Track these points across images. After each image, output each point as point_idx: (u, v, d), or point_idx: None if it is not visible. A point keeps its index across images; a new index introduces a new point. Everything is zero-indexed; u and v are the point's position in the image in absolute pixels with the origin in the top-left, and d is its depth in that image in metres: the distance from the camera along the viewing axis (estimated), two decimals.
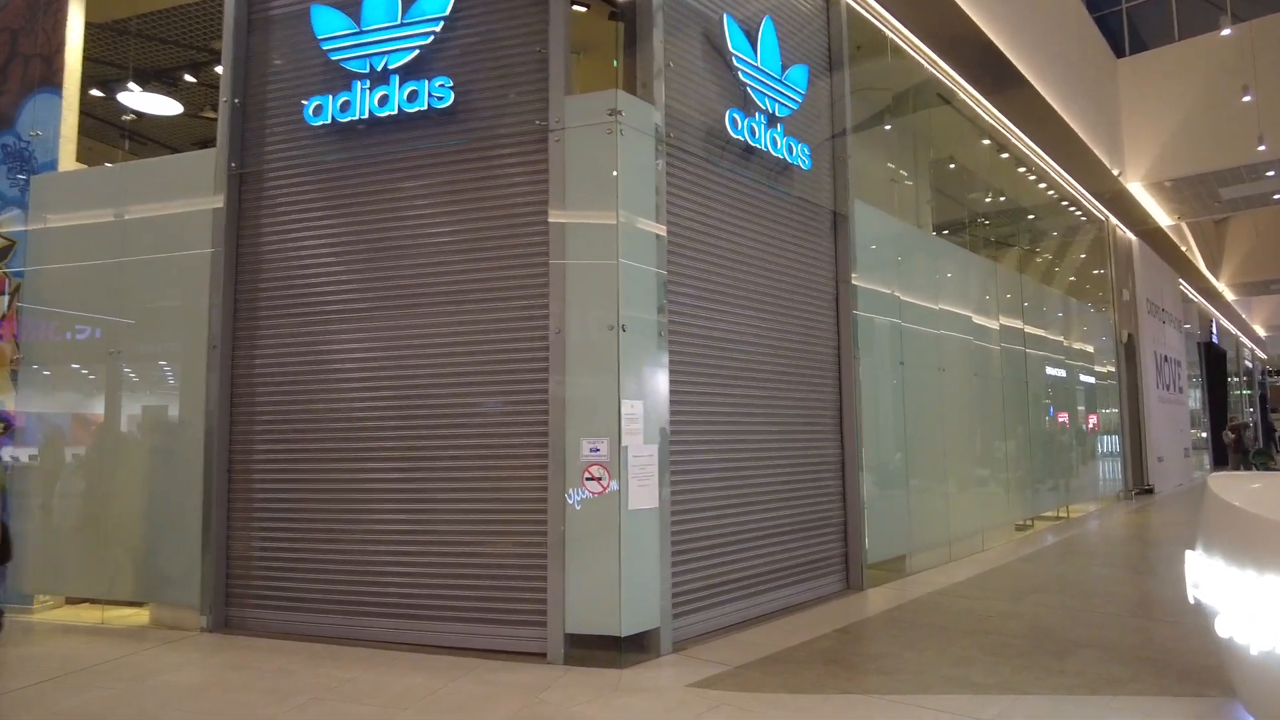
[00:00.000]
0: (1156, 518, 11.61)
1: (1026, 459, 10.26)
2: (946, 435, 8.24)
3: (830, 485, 6.46)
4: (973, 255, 10.04)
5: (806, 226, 6.49)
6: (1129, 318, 15.49)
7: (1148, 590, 6.44)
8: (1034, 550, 8.52)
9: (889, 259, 7.75)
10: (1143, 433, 15.38)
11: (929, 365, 8.10)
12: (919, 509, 7.59)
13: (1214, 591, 3.29)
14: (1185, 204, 17.78)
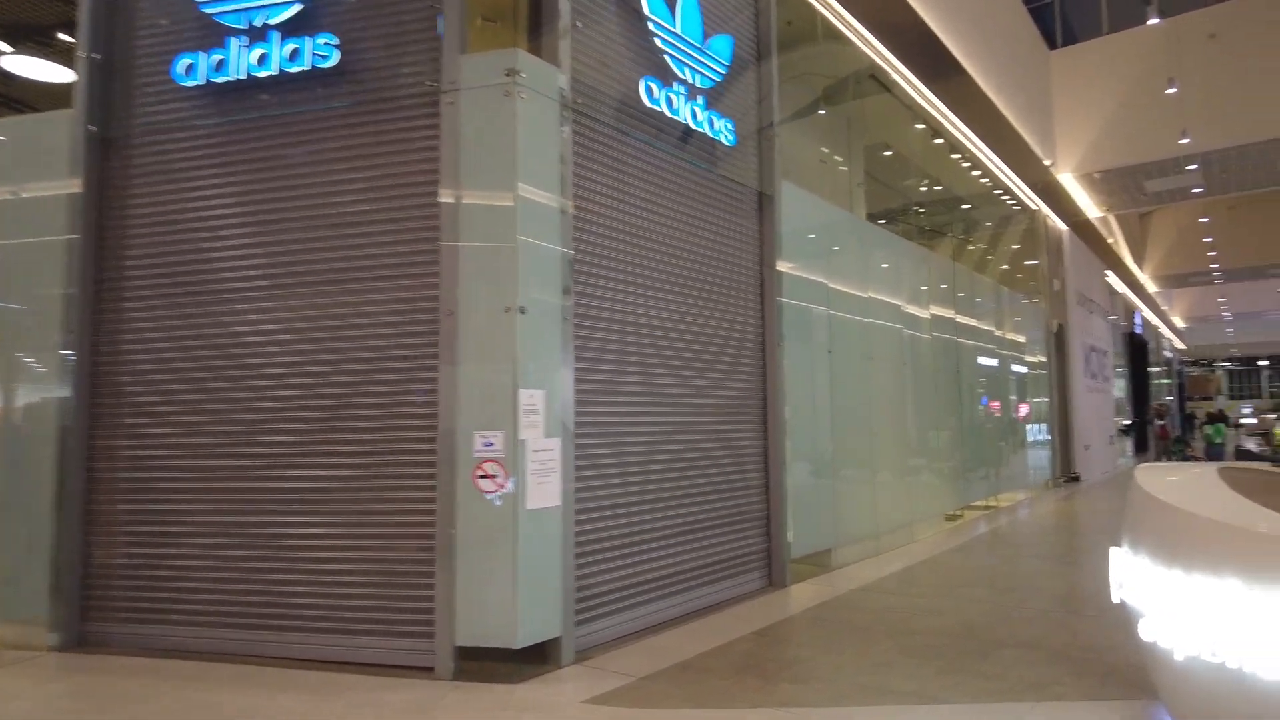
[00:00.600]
0: (1083, 506, 11.71)
1: (957, 448, 10.20)
2: (876, 425, 8.06)
3: (753, 478, 6.17)
4: (905, 243, 9.89)
5: (730, 207, 6.16)
6: (1060, 308, 15.67)
7: (1074, 583, 6.32)
8: (963, 541, 8.41)
9: (818, 244, 7.50)
10: (1070, 422, 15.60)
11: (858, 354, 7.89)
12: (846, 501, 7.38)
13: (1139, 591, 3.07)
14: (1113, 196, 18.10)
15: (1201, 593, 2.69)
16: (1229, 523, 2.65)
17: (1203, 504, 2.91)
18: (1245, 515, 2.76)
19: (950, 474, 9.94)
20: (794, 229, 6.81)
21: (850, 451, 7.64)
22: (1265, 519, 2.66)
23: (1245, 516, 2.74)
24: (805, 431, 6.87)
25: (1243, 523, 2.64)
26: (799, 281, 6.93)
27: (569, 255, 4.55)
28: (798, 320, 6.82)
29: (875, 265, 8.67)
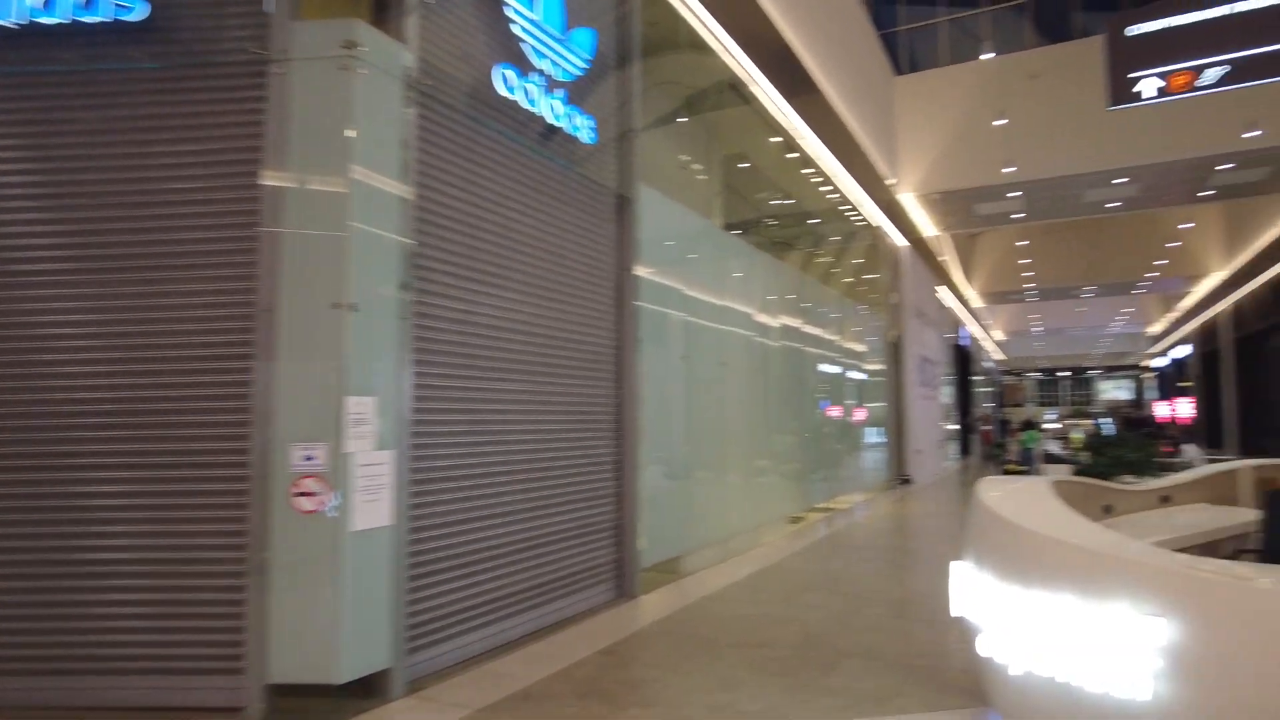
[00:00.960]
0: (915, 508, 12.40)
1: (802, 453, 10.50)
2: (727, 431, 8.12)
3: (604, 487, 5.99)
4: (760, 253, 10.06)
5: (588, 207, 5.96)
6: (897, 320, 16.61)
7: (910, 587, 6.58)
8: (806, 545, 8.62)
9: (676, 250, 7.43)
10: (905, 427, 16.56)
11: (713, 361, 7.90)
12: (698, 507, 7.37)
13: (979, 606, 3.11)
14: (948, 217, 19.42)
15: (1037, 608, 2.73)
16: (1065, 540, 2.71)
17: (1040, 520, 2.98)
18: (1080, 532, 2.84)
19: (795, 478, 10.22)
20: (653, 234, 6.70)
21: (703, 457, 7.63)
22: (1098, 537, 2.74)
23: (1080, 533, 2.82)
24: (659, 438, 6.77)
25: (1078, 540, 2.70)
26: (656, 287, 6.82)
27: (409, 247, 4.18)
28: (654, 326, 6.71)
29: (730, 274, 8.74)
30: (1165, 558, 2.56)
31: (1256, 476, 5.07)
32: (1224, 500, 5.05)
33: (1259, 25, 4.07)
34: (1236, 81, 4.22)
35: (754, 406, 8.97)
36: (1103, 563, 2.58)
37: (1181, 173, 16.29)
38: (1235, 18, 4.19)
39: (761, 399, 9.21)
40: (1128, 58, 4.37)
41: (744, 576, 6.85)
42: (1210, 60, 4.18)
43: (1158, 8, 4.57)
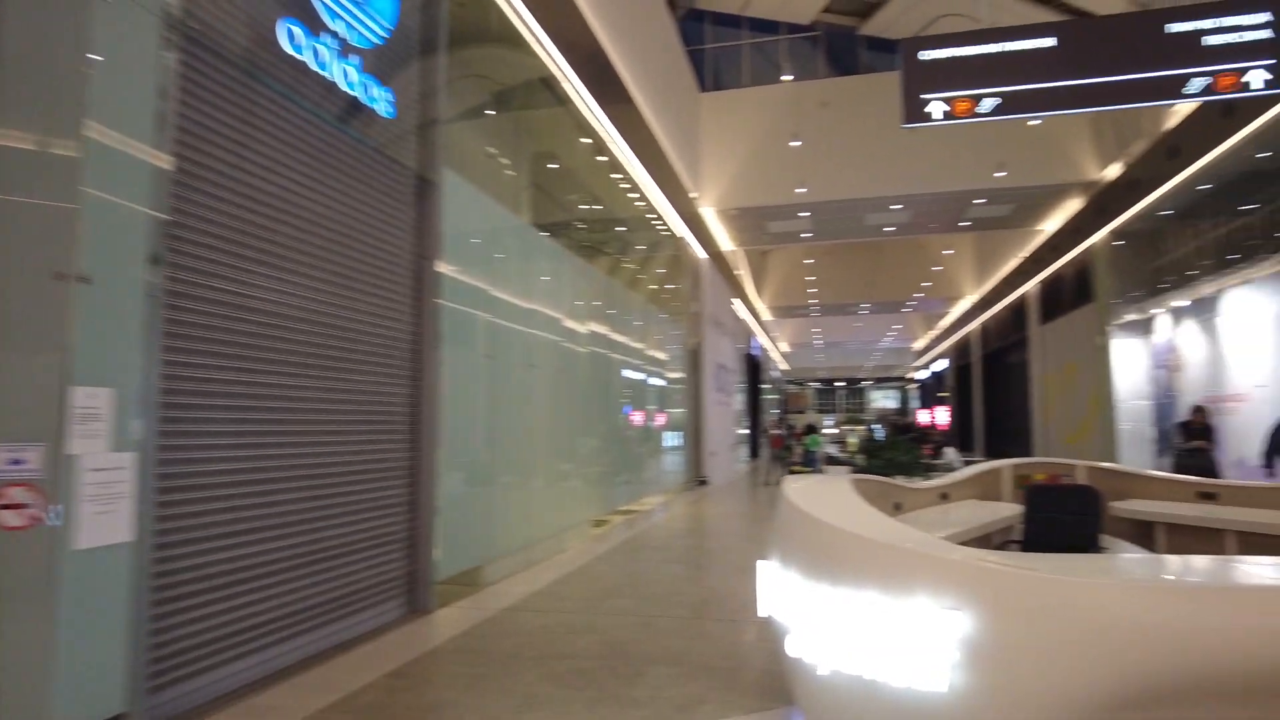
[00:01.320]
0: (712, 508, 12.79)
1: (605, 456, 10.46)
2: (532, 435, 7.86)
3: (397, 495, 5.52)
4: (569, 255, 9.92)
5: (386, 188, 5.48)
6: (697, 329, 17.16)
7: (710, 587, 6.66)
8: (609, 548, 8.55)
9: (482, 243, 7.08)
10: (702, 431, 17.13)
11: (518, 362, 7.62)
12: (499, 514, 7.05)
13: (786, 606, 3.09)
14: (744, 232, 20.42)
15: (844, 605, 2.74)
16: (872, 537, 2.73)
17: (846, 517, 3.01)
18: (885, 529, 2.88)
19: (599, 481, 10.16)
20: (458, 224, 6.32)
21: (506, 462, 7.32)
22: (901, 533, 2.80)
23: (885, 530, 2.86)
24: (460, 442, 6.39)
25: (884, 537, 2.74)
26: (460, 281, 6.44)
27: (162, 218, 3.55)
28: (457, 322, 6.33)
29: (538, 274, 8.51)
30: (960, 552, 2.65)
31: (1015, 474, 5.62)
32: (990, 496, 5.54)
33: (1024, 65, 4.46)
34: (1007, 112, 4.62)
35: (559, 410, 8.79)
36: (906, 558, 2.62)
37: (945, 203, 18.22)
38: (1005, 55, 4.58)
39: (567, 402, 9.05)
40: (920, 80, 4.65)
41: (546, 584, 6.61)
42: (986, 91, 4.53)
43: (945, 38, 4.92)
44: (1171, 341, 14.98)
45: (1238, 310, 12.53)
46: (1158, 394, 15.74)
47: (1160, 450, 15.54)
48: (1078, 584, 2.41)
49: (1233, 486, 4.86)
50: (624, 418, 11.74)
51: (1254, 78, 4.49)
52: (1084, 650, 2.29)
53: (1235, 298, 12.66)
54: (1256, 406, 11.96)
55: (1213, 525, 4.37)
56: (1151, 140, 14.18)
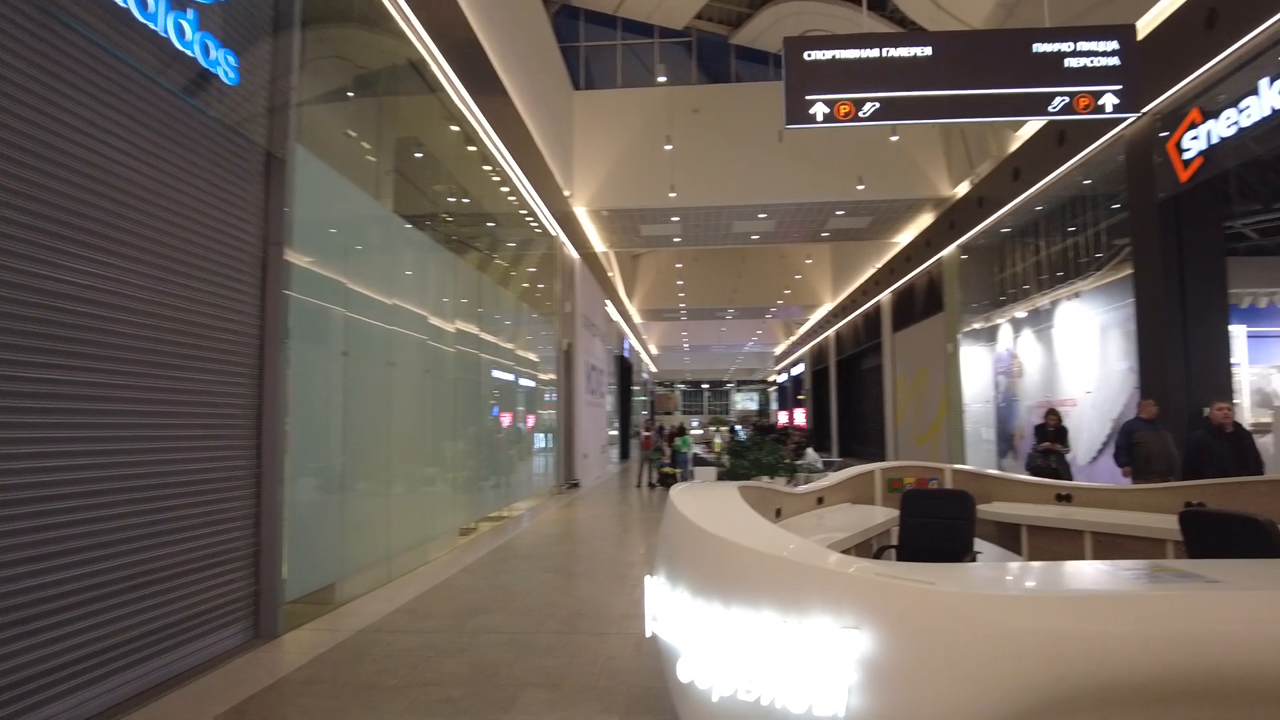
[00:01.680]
0: (584, 512, 12.54)
1: (473, 461, 10.00)
2: (393, 438, 7.33)
3: (239, 507, 4.92)
4: (436, 247, 9.38)
5: (227, 162, 4.88)
6: (569, 329, 16.87)
7: (583, 598, 6.40)
8: (477, 558, 8.13)
9: (338, 230, 6.51)
10: (573, 433, 16.86)
11: (378, 360, 7.09)
12: (356, 525, 6.50)
13: (675, 625, 2.88)
14: (616, 234, 20.35)
15: (739, 626, 2.55)
16: (767, 552, 2.56)
17: (739, 531, 2.83)
18: (778, 543, 2.72)
19: (466, 486, 9.68)
20: (312, 209, 5.76)
21: (364, 468, 6.77)
22: (796, 547, 2.64)
23: (778, 544, 2.70)
24: (311, 447, 5.82)
25: (779, 551, 2.57)
26: (313, 271, 5.88)
27: None
28: (309, 317, 5.76)
29: (402, 266, 7.98)
30: (857, 565, 2.53)
31: (886, 477, 5.70)
32: (864, 499, 5.60)
33: (903, 72, 4.50)
34: (885, 118, 4.66)
35: (424, 411, 8.28)
36: (803, 574, 2.47)
37: (809, 214, 18.85)
38: (885, 61, 4.62)
39: (432, 403, 8.54)
40: (804, 80, 4.60)
41: (409, 600, 6.14)
42: (867, 96, 4.54)
43: (829, 40, 4.91)
44: (1012, 349, 16.13)
45: (1068, 321, 13.62)
46: (999, 398, 16.91)
47: (1002, 451, 16.70)
48: (980, 598, 2.34)
49: (1086, 489, 5.11)
50: (493, 419, 11.29)
51: (1106, 100, 4.73)
52: (985, 665, 2.21)
53: (1066, 310, 13.76)
54: (1084, 410, 13.04)
55: (1072, 527, 4.56)
56: (996, 162, 15.20)
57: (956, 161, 17.16)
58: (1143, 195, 10.44)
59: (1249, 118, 8.50)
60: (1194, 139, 9.32)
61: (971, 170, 16.30)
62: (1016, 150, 14.27)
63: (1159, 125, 10.15)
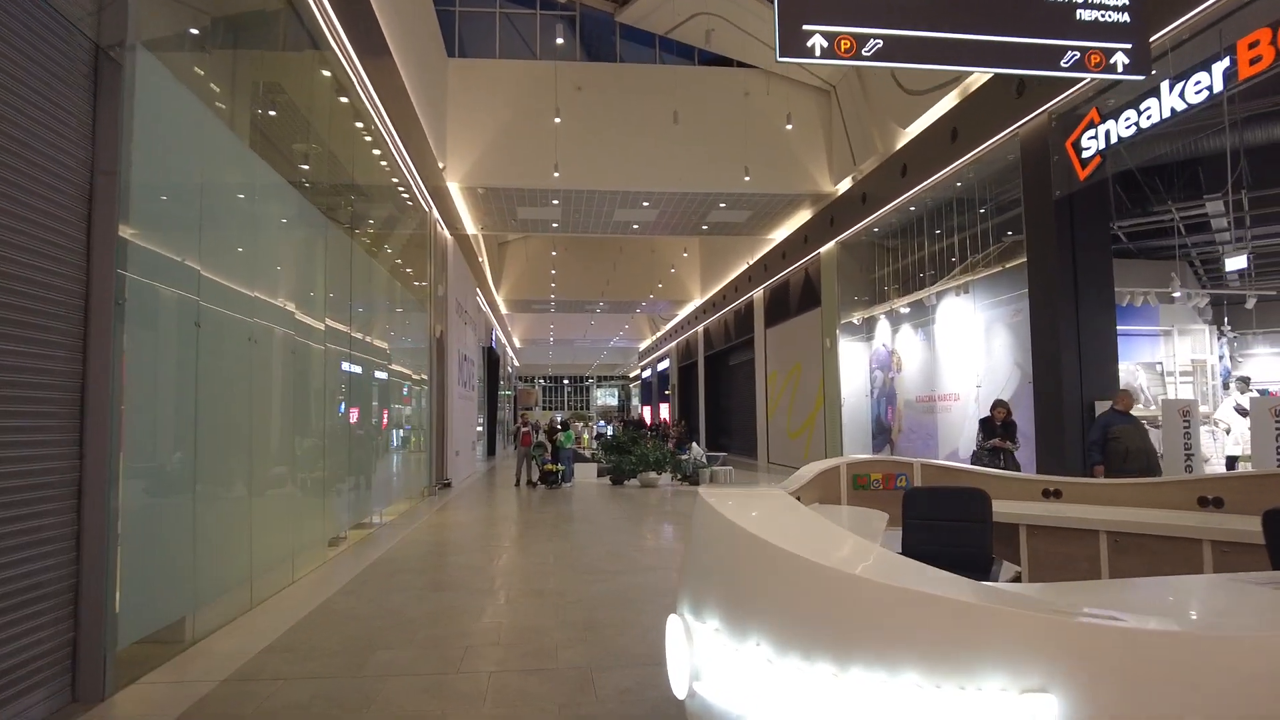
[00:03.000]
0: (464, 515, 11.38)
1: (343, 464, 8.65)
2: (253, 434, 6.00)
3: (50, 525, 3.61)
4: (307, 205, 7.94)
5: (37, 54, 3.54)
6: (442, 315, 15.51)
7: (501, 622, 5.41)
8: (355, 575, 6.91)
9: (190, 164, 5.15)
10: (446, 428, 15.54)
11: (237, 335, 5.75)
12: (212, 539, 5.18)
13: (742, 694, 2.04)
14: (491, 216, 19.09)
15: (862, 695, 1.76)
16: (919, 590, 1.78)
17: (850, 559, 2.04)
18: (919, 576, 1.95)
19: (335, 490, 8.33)
20: (155, 132, 4.43)
21: (221, 468, 5.44)
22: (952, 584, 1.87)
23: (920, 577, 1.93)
24: (153, 441, 4.51)
25: (935, 589, 1.79)
26: (157, 214, 4.56)
27: None
28: (149, 271, 4.44)
29: (267, 220, 6.62)
30: (1034, 603, 1.80)
31: (850, 474, 5.12)
32: (830, 499, 4.98)
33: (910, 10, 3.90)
34: (887, 59, 4.02)
35: (289, 403, 6.93)
36: (971, 619, 1.71)
37: (692, 205, 18.42)
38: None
39: (298, 394, 7.19)
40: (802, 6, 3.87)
41: (283, 633, 4.93)
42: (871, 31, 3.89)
43: None
44: (890, 345, 16.39)
45: (951, 316, 13.89)
46: (876, 393, 17.18)
47: (878, 445, 16.96)
48: (1223, 642, 1.67)
49: (1077, 484, 4.73)
50: (367, 416, 9.93)
51: (1117, 60, 4.34)
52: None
53: (949, 305, 14.03)
54: (967, 405, 13.30)
55: (1084, 527, 4.11)
56: (882, 159, 15.34)
57: (839, 159, 17.26)
58: (1038, 192, 10.62)
59: (1148, 119, 8.71)
60: (1092, 138, 9.51)
61: (855, 167, 16.41)
62: (905, 146, 14.41)
63: (1056, 124, 10.36)
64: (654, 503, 12.77)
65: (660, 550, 8.10)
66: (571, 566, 7.22)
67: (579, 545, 8.45)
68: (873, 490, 5.17)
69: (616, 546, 8.30)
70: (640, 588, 6.24)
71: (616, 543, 8.57)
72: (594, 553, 7.94)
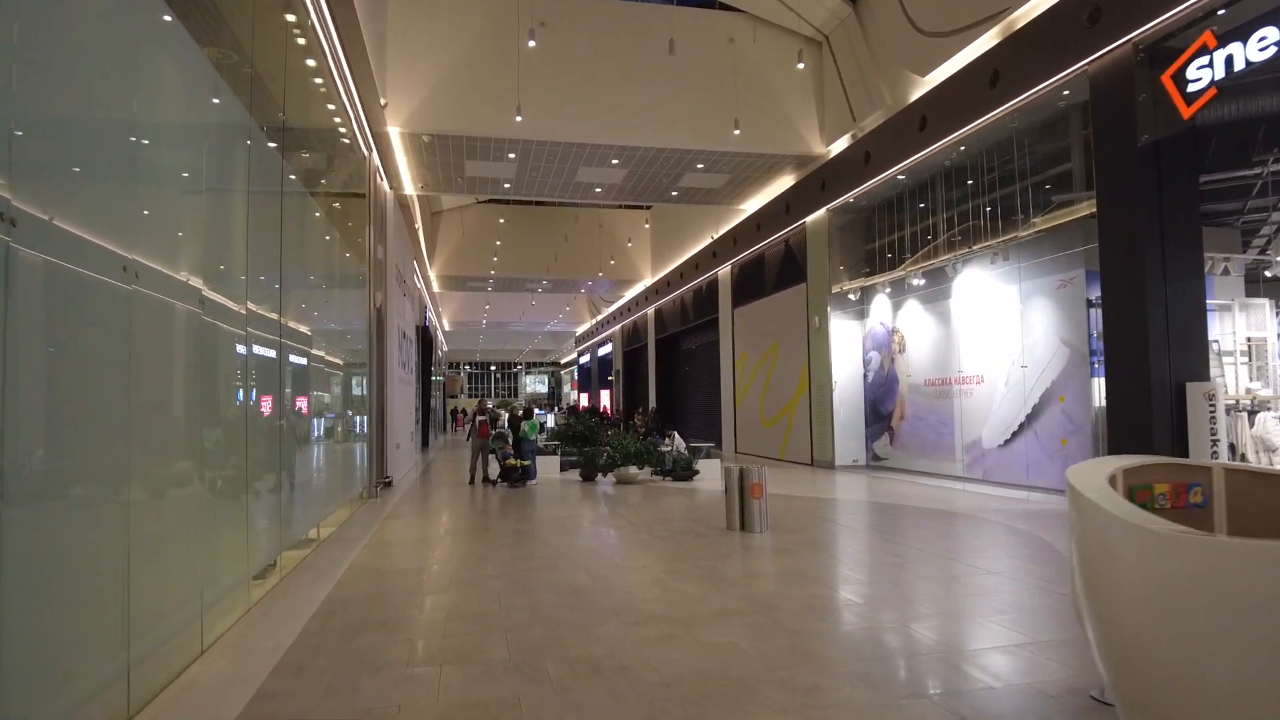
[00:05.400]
0: (420, 528, 9.08)
1: (269, 466, 6.27)
2: (132, 430, 3.67)
3: None
4: (204, 62, 5.51)
5: None
6: (381, 283, 13.01)
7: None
8: (296, 635, 4.68)
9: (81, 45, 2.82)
10: (386, 416, 13.09)
11: (104, 266, 3.42)
12: (55, 611, 2.88)
13: None
14: (434, 172, 16.59)
15: None
16: None
17: None
18: None
19: (259, 505, 5.95)
20: None
21: (88, 486, 3.13)
22: None
23: None
24: None
25: None
26: None
27: None
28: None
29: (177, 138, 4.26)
30: None
31: (1127, 484, 3.26)
32: None
33: None
34: None
35: (181, 389, 4.57)
36: None
37: (665, 164, 16.37)
38: None
39: (197, 374, 4.84)
40: None
41: None
42: None
43: None
44: (890, 322, 14.76)
45: (973, 289, 12.29)
46: (872, 376, 15.56)
47: (875, 434, 15.35)
48: None
49: None
50: (287, 405, 7.48)
51: None
52: None
53: (970, 277, 12.43)
54: (994, 388, 11.74)
55: None
56: (891, 112, 13.63)
57: (833, 116, 15.49)
58: (1115, 137, 9.00)
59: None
60: (1204, 67, 7.93)
61: (855, 124, 14.65)
62: (923, 98, 12.72)
63: (1143, 57, 8.77)
64: (645, 504, 10.75)
65: (706, 578, 6.09)
66: (607, 610, 5.14)
67: (597, 572, 6.36)
68: (1158, 508, 3.29)
69: (651, 572, 6.26)
70: (732, 652, 4.22)
71: (644, 565, 6.53)
72: (624, 583, 5.88)
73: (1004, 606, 5.04)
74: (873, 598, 5.36)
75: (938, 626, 4.64)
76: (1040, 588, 5.56)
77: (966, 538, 7.78)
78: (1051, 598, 5.25)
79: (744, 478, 8.17)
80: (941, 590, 5.53)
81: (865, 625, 4.71)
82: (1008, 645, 4.23)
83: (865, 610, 5.05)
